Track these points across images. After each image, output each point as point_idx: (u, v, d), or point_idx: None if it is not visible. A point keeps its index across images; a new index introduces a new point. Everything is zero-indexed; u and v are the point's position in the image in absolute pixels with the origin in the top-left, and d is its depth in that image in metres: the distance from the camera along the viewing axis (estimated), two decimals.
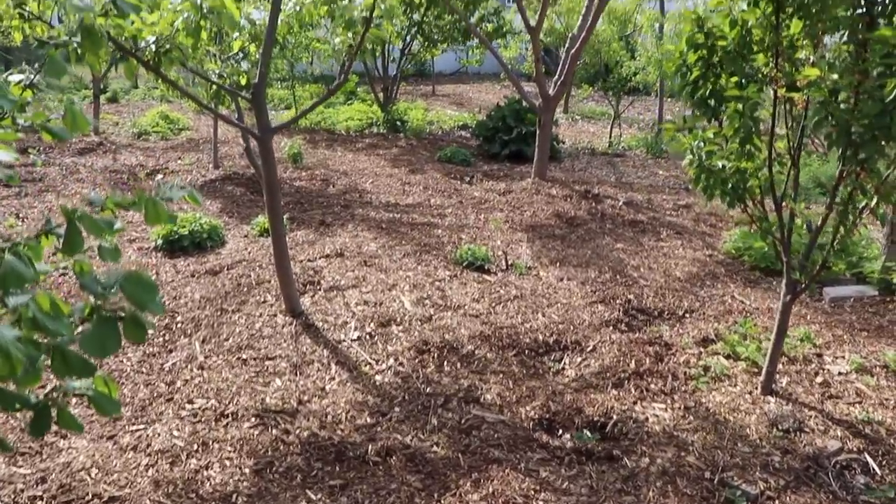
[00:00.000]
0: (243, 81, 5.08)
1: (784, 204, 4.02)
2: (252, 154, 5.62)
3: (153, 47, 3.71)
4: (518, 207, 8.17)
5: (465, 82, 23.12)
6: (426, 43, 13.26)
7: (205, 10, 3.27)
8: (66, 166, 10.00)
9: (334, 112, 14.05)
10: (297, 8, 5.04)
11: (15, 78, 2.29)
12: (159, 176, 9.68)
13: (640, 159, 12.08)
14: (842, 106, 3.30)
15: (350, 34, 4.08)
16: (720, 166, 3.68)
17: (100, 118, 12.73)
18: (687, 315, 5.59)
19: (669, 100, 17.11)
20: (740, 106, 3.50)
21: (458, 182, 9.47)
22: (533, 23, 8.98)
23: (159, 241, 6.77)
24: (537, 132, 9.30)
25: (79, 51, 2.61)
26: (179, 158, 10.65)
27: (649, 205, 8.71)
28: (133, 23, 3.66)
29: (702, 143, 3.71)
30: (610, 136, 13.65)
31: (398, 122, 13.29)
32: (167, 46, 3.65)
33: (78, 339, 1.52)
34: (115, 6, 2.33)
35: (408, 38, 13.40)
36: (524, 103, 10.51)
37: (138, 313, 1.58)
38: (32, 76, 2.29)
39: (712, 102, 3.79)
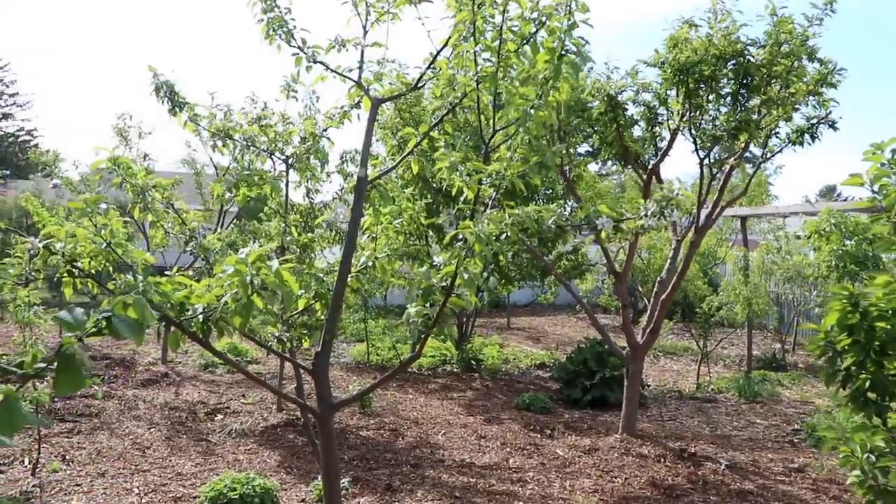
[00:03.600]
0: (306, 345, 4.57)
1: None
2: (311, 431, 4.98)
3: (201, 318, 3.21)
4: (607, 472, 7.24)
5: (539, 314, 22.76)
6: (503, 280, 12.92)
7: (257, 286, 2.77)
8: (126, 400, 9.60)
9: (407, 348, 13.59)
10: (370, 264, 4.60)
11: None
12: (219, 416, 9.14)
13: (732, 405, 11.08)
14: None
15: (427, 304, 3.55)
16: None
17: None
18: None
19: (756, 331, 16.24)
20: None
21: (539, 436, 8.63)
22: (618, 267, 8.51)
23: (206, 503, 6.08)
24: (625, 384, 8.53)
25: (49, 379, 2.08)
26: (243, 396, 10.16)
27: (756, 468, 7.67)
28: (180, 289, 3.21)
29: (873, 457, 2.92)
30: (697, 378, 12.77)
31: (473, 361, 12.70)
32: (217, 316, 3.15)
33: None
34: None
35: (484, 275, 13.13)
36: (606, 345, 9.86)
37: None
38: None
39: (874, 396, 3.04)
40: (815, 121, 7.66)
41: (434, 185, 10.34)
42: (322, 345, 3.93)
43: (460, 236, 3.50)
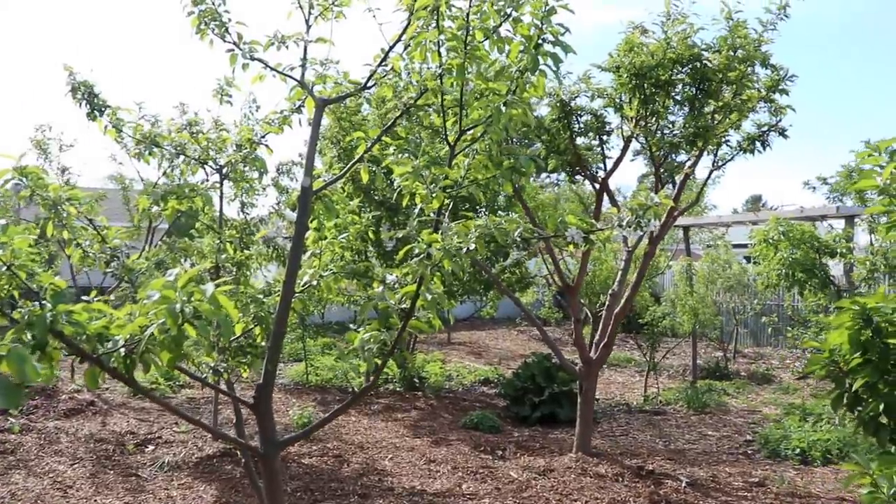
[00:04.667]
0: (245, 374, 4.11)
1: None
2: (252, 468, 4.50)
3: (122, 352, 2.75)
4: (566, 495, 6.90)
5: (479, 328, 22.48)
6: (445, 294, 12.53)
7: (188, 315, 2.33)
8: (46, 433, 8.88)
9: (348, 367, 13.07)
10: (314, 283, 4.17)
11: None
12: (150, 448, 8.51)
13: (682, 416, 10.93)
14: None
15: (384, 329, 3.14)
16: None
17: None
18: None
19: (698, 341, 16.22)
20: None
21: (490, 457, 8.24)
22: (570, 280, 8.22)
23: None
24: (579, 400, 8.22)
25: None
26: (176, 424, 9.52)
27: (716, 483, 7.45)
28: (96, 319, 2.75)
29: None
30: (645, 390, 12.62)
31: (416, 379, 12.27)
32: (142, 349, 2.69)
33: None
34: None
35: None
36: (554, 359, 9.57)
37: None
38: None
39: (888, 421, 2.74)
40: (765, 128, 7.51)
41: (376, 198, 9.89)
42: (264, 375, 3.48)
43: (417, 251, 3.11)
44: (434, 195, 3.05)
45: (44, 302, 2.78)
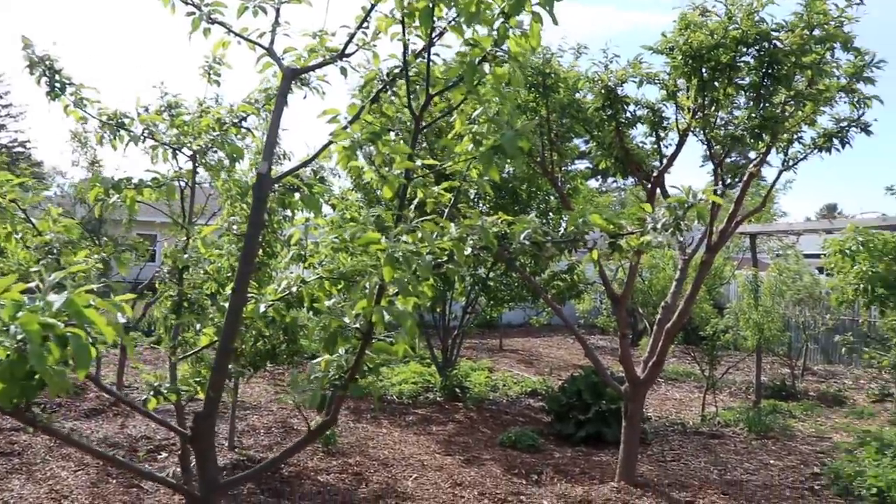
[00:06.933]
0: (200, 395, 3.47)
1: None
2: None
3: None
4: None
5: (535, 335, 21.66)
6: (491, 301, 11.82)
7: (14, 336, 1.68)
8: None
9: (389, 372, 12.42)
10: (294, 289, 3.51)
11: None
12: (162, 455, 8.03)
13: (741, 441, 9.95)
14: None
15: (342, 351, 2.46)
16: None
17: (126, 369, 11.30)
18: None
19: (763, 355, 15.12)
20: None
21: (524, 481, 7.49)
22: (617, 290, 7.42)
23: None
24: (623, 423, 7.40)
25: None
26: None
27: None
28: None
29: None
30: (703, 409, 11.64)
31: (458, 389, 11.57)
32: None
33: None
34: None
35: (471, 294, 12.02)
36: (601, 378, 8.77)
37: None
38: None
39: None
40: (845, 123, 6.59)
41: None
42: (205, 403, 2.84)
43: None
44: (386, 180, 2.37)
45: None
